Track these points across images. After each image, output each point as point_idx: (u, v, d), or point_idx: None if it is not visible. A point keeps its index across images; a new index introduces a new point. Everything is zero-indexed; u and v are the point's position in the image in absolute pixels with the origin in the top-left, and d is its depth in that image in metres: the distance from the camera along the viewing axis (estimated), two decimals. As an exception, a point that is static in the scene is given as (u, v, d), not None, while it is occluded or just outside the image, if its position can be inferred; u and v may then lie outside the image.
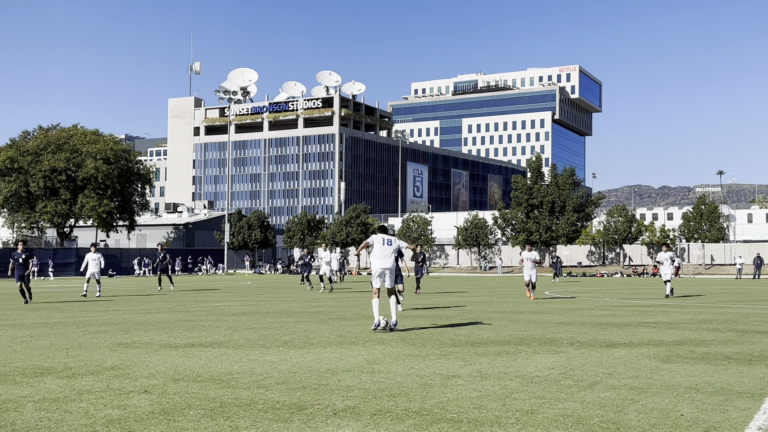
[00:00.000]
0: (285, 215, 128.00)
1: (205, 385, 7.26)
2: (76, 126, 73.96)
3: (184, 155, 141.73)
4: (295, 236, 79.46)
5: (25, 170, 67.98)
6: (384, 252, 12.59)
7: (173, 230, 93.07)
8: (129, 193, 73.87)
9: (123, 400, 6.56)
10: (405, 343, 10.74)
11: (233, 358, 9.18)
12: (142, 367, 8.52)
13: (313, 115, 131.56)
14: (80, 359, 9.18)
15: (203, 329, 13.09)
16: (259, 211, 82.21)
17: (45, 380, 7.60)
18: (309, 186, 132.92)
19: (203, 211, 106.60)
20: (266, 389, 7.05)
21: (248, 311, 17.85)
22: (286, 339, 11.39)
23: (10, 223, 71.39)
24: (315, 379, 7.61)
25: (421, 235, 78.17)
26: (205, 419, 5.79)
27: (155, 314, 17.01)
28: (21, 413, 5.99)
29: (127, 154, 73.85)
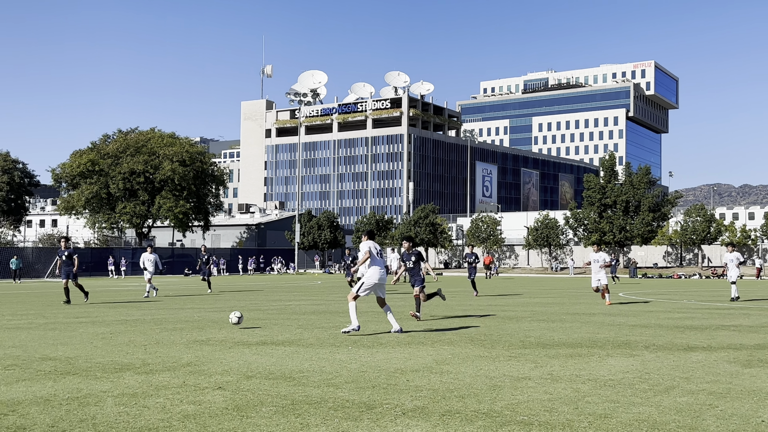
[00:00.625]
0: (354, 215, 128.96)
1: (276, 383, 7.38)
2: (154, 129, 76.32)
3: (256, 157, 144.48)
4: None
5: (106, 172, 70.55)
6: (380, 262, 12.32)
7: (246, 230, 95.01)
8: (204, 194, 75.80)
9: (198, 396, 6.73)
10: (474, 344, 10.67)
11: (304, 357, 9.30)
12: (217, 364, 8.72)
13: (381, 116, 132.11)
14: (157, 356, 9.46)
15: (275, 328, 13.31)
16: (328, 212, 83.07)
17: (124, 376, 7.87)
18: (378, 186, 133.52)
19: (274, 211, 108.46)
20: (336, 388, 7.12)
21: (318, 310, 18.06)
22: (356, 338, 11.47)
23: (91, 224, 74.23)
24: (384, 379, 7.64)
25: (490, 236, 77.51)
26: (276, 416, 5.88)
27: (229, 312, 17.39)
28: (101, 407, 6.22)
29: (202, 156, 75.78)
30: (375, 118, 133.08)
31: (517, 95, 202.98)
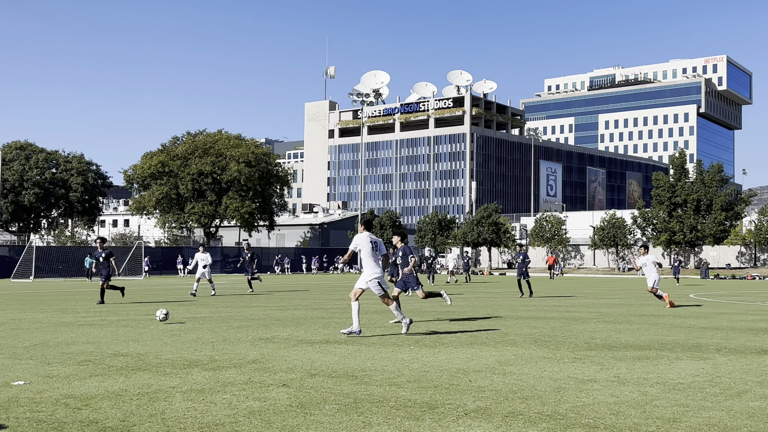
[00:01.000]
0: (416, 215, 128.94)
1: (339, 381, 7.45)
2: (221, 131, 77.97)
3: (319, 157, 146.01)
4: (426, 236, 79.88)
5: (175, 174, 72.44)
6: (375, 257, 11.56)
7: (309, 230, 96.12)
8: (269, 194, 77.06)
9: (263, 392, 6.85)
10: (538, 345, 10.54)
11: (366, 356, 9.35)
12: (281, 361, 8.86)
13: (443, 115, 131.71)
14: (224, 352, 9.67)
15: (338, 326, 13.43)
16: (390, 211, 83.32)
17: (192, 372, 8.07)
18: (440, 186, 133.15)
19: (337, 211, 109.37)
20: (398, 387, 7.14)
21: (380, 309, 18.12)
22: (418, 338, 11.47)
23: (161, 223, 76.35)
24: (446, 379, 7.62)
25: (555, 235, 76.38)
26: (339, 414, 5.94)
27: (293, 311, 17.64)
28: (170, 403, 6.39)
29: (267, 157, 77.04)
30: (437, 118, 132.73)
31: (582, 92, 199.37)
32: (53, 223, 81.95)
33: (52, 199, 78.44)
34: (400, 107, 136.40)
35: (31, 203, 76.28)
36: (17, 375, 7.82)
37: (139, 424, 5.57)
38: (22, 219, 78.40)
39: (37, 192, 76.14)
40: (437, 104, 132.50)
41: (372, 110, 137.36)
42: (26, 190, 75.86)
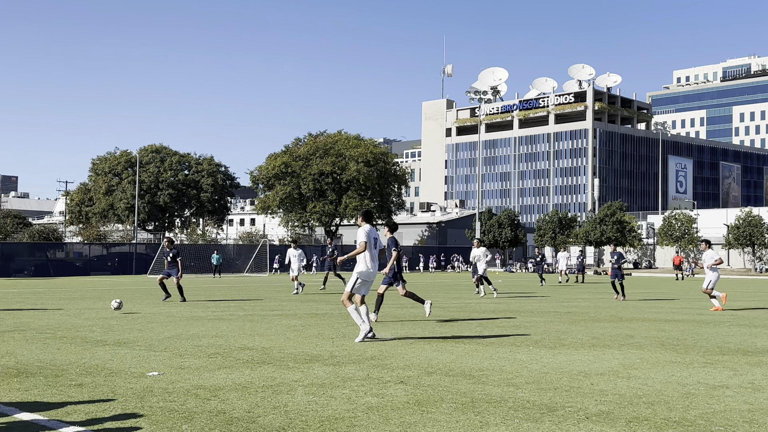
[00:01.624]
0: (536, 213, 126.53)
1: (456, 380, 7.44)
2: (340, 132, 79.60)
3: (436, 156, 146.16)
4: (546, 235, 78.24)
5: (298, 174, 74.66)
6: (374, 253, 10.74)
7: (427, 229, 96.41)
8: (387, 193, 77.99)
9: (381, 389, 6.94)
10: (665, 349, 10.10)
11: (483, 355, 9.28)
12: (399, 358, 8.94)
13: (564, 111, 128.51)
14: (344, 348, 9.87)
15: (455, 325, 13.40)
16: (509, 210, 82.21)
17: (313, 366, 8.29)
18: (560, 183, 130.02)
19: (455, 210, 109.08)
20: (516, 388, 7.04)
21: (498, 309, 17.93)
22: (537, 338, 11.27)
23: (285, 222, 78.92)
24: (566, 381, 7.44)
25: (685, 234, 72.82)
26: (456, 413, 5.93)
27: (410, 309, 17.75)
28: (292, 396, 6.60)
29: (385, 156, 77.98)
30: (557, 114, 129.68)
31: (715, 83, 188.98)
32: (186, 222, 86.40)
33: (184, 199, 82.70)
34: (519, 104, 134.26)
35: (165, 203, 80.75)
36: (152, 366, 8.31)
37: (263, 416, 5.78)
38: (158, 218, 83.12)
39: (171, 193, 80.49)
40: (557, 100, 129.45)
41: (490, 107, 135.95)
42: (161, 191, 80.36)
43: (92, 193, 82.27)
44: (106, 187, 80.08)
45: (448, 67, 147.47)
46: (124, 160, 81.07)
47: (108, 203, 79.74)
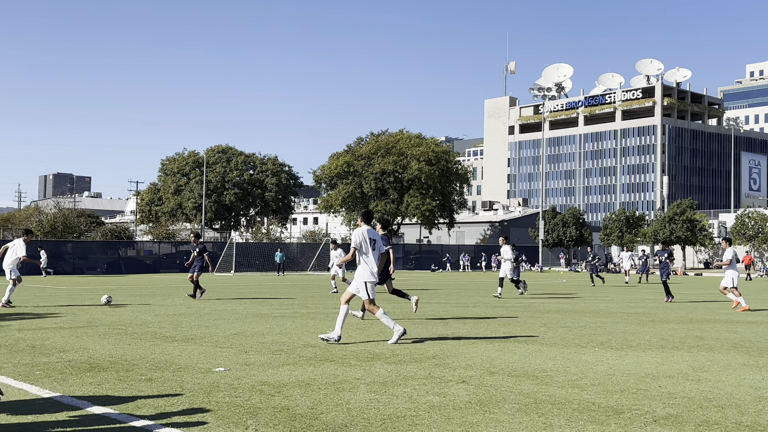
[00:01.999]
0: (602, 212, 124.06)
1: (519, 380, 7.36)
2: (402, 131, 79.71)
3: (499, 154, 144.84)
4: (612, 234, 76.62)
5: (360, 173, 75.11)
6: (374, 255, 10.19)
7: (489, 227, 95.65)
8: (448, 192, 77.69)
9: (443, 388, 6.92)
10: (738, 351, 9.77)
11: (547, 356, 9.16)
12: (460, 358, 8.90)
13: (632, 107, 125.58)
14: (405, 347, 9.88)
15: (518, 325, 13.26)
16: (574, 208, 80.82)
17: (375, 365, 8.33)
18: (627, 181, 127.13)
19: (518, 208, 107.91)
20: (581, 389, 6.92)
21: (563, 309, 17.67)
22: (603, 339, 11.05)
23: (347, 221, 79.53)
24: (633, 383, 7.28)
25: (759, 233, 70.25)
26: (519, 413, 5.87)
27: (472, 308, 17.66)
28: (355, 393, 6.65)
29: (447, 155, 77.72)
30: (624, 110, 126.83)
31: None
32: (251, 221, 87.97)
33: (249, 198, 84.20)
34: (584, 100, 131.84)
35: (231, 203, 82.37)
36: (218, 362, 8.49)
37: (326, 413, 5.84)
38: (224, 217, 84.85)
39: (236, 192, 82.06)
40: (625, 95, 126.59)
41: (554, 104, 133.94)
42: (227, 191, 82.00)
43: (161, 193, 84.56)
44: (175, 186, 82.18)
45: (511, 64, 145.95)
46: (192, 161, 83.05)
47: (176, 202, 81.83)
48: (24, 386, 6.89)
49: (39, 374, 7.56)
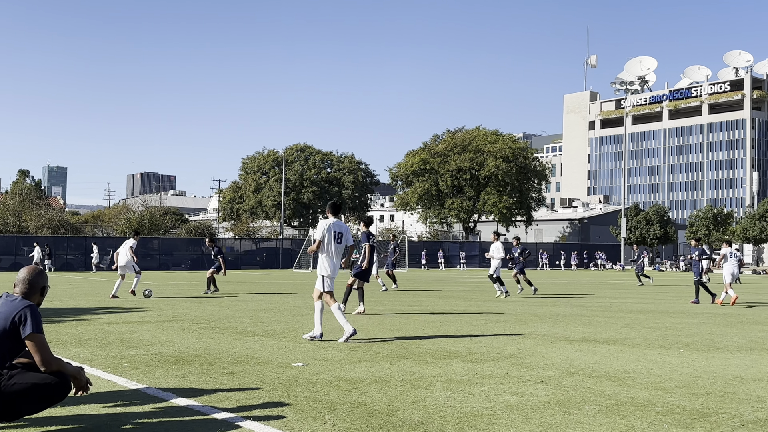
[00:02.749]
0: (687, 209, 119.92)
1: (600, 381, 7.20)
2: (479, 128, 79.11)
3: (578, 150, 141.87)
4: (699, 232, 73.97)
5: (436, 171, 74.95)
6: (337, 249, 9.98)
7: (568, 225, 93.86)
8: (526, 189, 76.64)
9: (520, 387, 6.84)
10: (835, 356, 9.26)
11: (629, 357, 8.92)
12: (539, 357, 8.77)
13: (719, 100, 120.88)
14: (482, 345, 9.81)
15: (599, 325, 12.97)
16: (658, 205, 78.45)
17: (451, 363, 8.30)
18: (715, 177, 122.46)
19: (598, 205, 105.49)
20: (665, 392, 6.72)
21: (646, 309, 17.17)
22: (688, 341, 10.69)
23: (423, 219, 79.50)
24: (720, 386, 7.01)
25: None
26: (600, 415, 5.74)
27: (551, 307, 17.38)
28: (431, 391, 6.64)
29: (525, 151, 76.68)
30: (711, 103, 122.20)
31: None
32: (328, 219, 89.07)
33: (327, 196, 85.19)
34: (669, 94, 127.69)
35: (309, 200, 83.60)
36: (297, 357, 8.63)
37: (402, 409, 5.86)
38: (302, 215, 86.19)
39: (314, 190, 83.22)
40: (711, 89, 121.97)
41: (636, 99, 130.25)
42: (305, 189, 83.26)
43: (242, 191, 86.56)
44: (255, 185, 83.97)
45: (591, 57, 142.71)
46: (271, 159, 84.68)
47: (256, 200, 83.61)
48: (113, 378, 7.18)
49: (127, 366, 7.86)
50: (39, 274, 5.14)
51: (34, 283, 5.07)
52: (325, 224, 10.00)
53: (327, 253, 9.94)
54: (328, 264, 9.94)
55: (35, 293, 5.08)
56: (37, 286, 5.09)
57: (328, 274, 9.94)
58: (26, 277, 5.07)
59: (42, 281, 5.13)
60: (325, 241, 9.94)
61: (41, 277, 5.13)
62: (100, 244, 47.17)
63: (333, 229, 9.99)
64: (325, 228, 9.96)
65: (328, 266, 9.94)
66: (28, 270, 5.13)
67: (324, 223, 10.03)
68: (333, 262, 9.95)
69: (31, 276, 5.08)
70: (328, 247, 9.93)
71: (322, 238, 9.93)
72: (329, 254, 9.94)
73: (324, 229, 9.97)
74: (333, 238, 9.95)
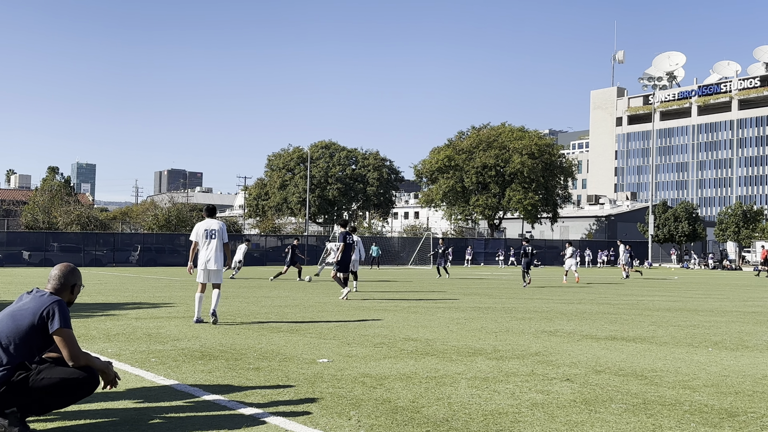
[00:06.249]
0: (716, 206, 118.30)
1: (626, 380, 7.14)
2: (504, 124, 78.66)
3: (605, 147, 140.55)
4: (728, 229, 72.93)
5: (461, 167, 74.69)
6: (209, 244, 11.76)
7: (595, 222, 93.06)
8: (552, 186, 76.08)
9: (546, 385, 6.80)
10: None
11: (657, 355, 8.83)
12: (564, 355, 8.72)
13: (749, 96, 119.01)
14: (507, 343, 9.77)
15: (626, 323, 12.86)
16: (686, 202, 77.45)
17: (476, 360, 8.28)
18: (745, 174, 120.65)
19: (625, 202, 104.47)
20: (693, 390, 6.64)
21: (674, 307, 16.98)
22: (717, 339, 10.55)
23: (448, 216, 79.30)
24: (749, 385, 6.91)
25: None
26: (626, 414, 5.69)
27: (577, 305, 17.25)
28: (456, 388, 6.63)
29: (551, 148, 76.11)
30: (741, 99, 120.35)
31: None
32: (353, 215, 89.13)
33: (351, 193, 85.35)
34: (698, 89, 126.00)
35: (334, 197, 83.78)
36: (322, 353, 8.67)
37: (427, 406, 5.86)
38: (327, 212, 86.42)
39: (339, 187, 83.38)
40: (741, 84, 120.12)
41: (665, 94, 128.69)
42: (330, 185, 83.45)
43: (268, 188, 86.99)
44: (280, 182, 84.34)
45: (619, 53, 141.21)
46: (297, 156, 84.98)
47: (282, 197, 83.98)
48: (140, 372, 7.27)
49: (154, 361, 7.95)
50: (71, 272, 5.19)
51: (65, 281, 5.13)
52: (199, 225, 11.91)
53: (204, 249, 11.77)
54: (204, 258, 11.70)
55: (65, 290, 5.14)
56: (68, 283, 5.15)
57: (206, 267, 11.74)
58: (58, 274, 5.14)
59: (73, 279, 5.18)
60: (201, 240, 11.76)
61: (73, 275, 5.19)
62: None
63: (205, 228, 11.79)
64: (199, 228, 11.81)
65: (204, 260, 11.70)
66: (61, 267, 5.19)
67: (198, 225, 11.91)
68: (207, 256, 11.70)
69: (62, 273, 5.15)
70: (205, 244, 11.73)
71: (198, 238, 11.79)
72: (205, 250, 11.73)
73: (198, 229, 11.82)
74: (205, 236, 11.72)
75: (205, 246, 11.65)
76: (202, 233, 11.68)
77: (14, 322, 4.89)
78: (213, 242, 11.62)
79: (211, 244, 11.62)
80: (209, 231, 11.64)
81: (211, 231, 11.64)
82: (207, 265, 11.60)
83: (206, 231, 11.65)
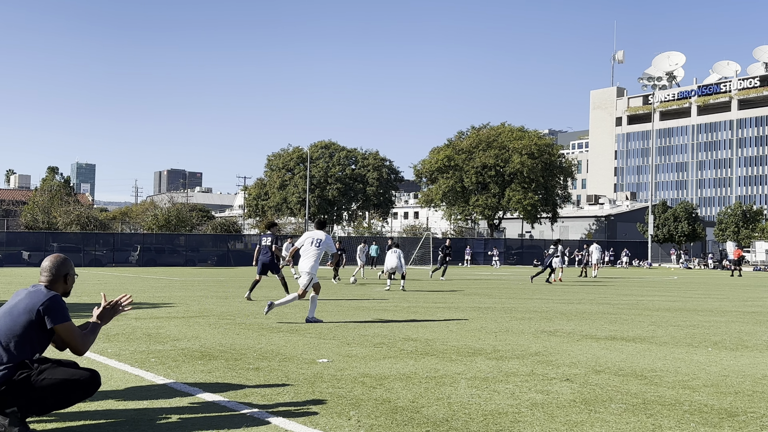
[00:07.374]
0: (716, 206, 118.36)
1: (626, 380, 7.14)
2: (504, 124, 78.70)
3: (605, 146, 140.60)
4: (727, 229, 72.98)
5: (460, 167, 74.70)
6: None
7: (595, 222, 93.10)
8: (552, 186, 76.11)
9: (546, 385, 6.81)
10: None
11: (656, 355, 8.84)
12: (564, 355, 8.72)
13: (749, 96, 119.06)
14: (507, 343, 9.78)
15: (625, 323, 12.87)
16: (686, 202, 77.50)
17: (476, 360, 8.28)
18: (744, 174, 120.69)
19: (625, 202, 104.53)
20: (693, 390, 6.65)
21: (674, 307, 16.99)
22: (716, 339, 10.56)
23: (448, 216, 79.32)
24: (749, 385, 6.92)
25: None
26: (626, 414, 5.70)
27: (577, 305, 17.26)
28: (455, 388, 6.63)
29: (550, 148, 76.13)
30: (741, 99, 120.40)
31: None
32: (352, 215, 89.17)
33: (351, 193, 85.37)
34: (697, 89, 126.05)
35: (334, 197, 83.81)
36: (322, 353, 8.67)
37: (427, 406, 5.86)
38: (327, 212, 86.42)
39: (339, 187, 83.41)
40: (741, 84, 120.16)
41: (664, 94, 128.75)
42: (330, 185, 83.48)
43: (267, 188, 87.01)
44: (280, 182, 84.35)
45: (618, 53, 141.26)
46: (296, 156, 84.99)
47: (281, 197, 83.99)
48: (140, 372, 7.27)
49: (154, 361, 7.96)
50: (62, 263, 5.18)
51: (57, 272, 5.13)
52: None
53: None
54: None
55: (59, 281, 5.14)
56: (60, 273, 5.14)
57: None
58: (50, 265, 5.14)
59: (65, 269, 5.18)
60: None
61: (64, 265, 5.18)
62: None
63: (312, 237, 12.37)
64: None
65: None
66: (51, 259, 5.19)
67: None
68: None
69: (54, 264, 5.15)
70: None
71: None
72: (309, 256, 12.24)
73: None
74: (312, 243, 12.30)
75: (308, 254, 12.20)
76: (307, 241, 12.35)
77: (12, 319, 4.89)
78: (316, 251, 12.21)
79: (313, 252, 12.19)
80: (315, 239, 12.30)
81: (317, 240, 12.29)
82: (311, 270, 12.04)
83: (312, 239, 12.32)
